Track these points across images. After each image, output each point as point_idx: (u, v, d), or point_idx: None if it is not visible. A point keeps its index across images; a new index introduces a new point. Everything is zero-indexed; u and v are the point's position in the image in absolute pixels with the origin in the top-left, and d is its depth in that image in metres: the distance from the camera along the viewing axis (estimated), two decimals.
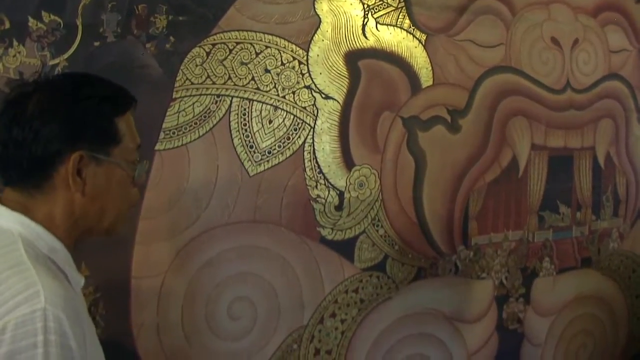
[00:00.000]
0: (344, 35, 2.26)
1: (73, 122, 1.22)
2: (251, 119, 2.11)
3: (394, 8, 2.34)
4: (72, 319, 1.12)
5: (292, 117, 2.18)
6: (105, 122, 1.26)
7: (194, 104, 2.03)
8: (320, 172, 2.23)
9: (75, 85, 1.27)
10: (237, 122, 2.09)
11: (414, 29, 2.39)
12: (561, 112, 2.80)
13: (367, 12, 2.29)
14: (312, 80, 2.20)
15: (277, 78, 2.15)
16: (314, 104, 2.21)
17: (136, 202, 1.39)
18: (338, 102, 2.25)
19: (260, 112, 2.13)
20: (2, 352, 1.05)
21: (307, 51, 2.20)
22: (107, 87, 1.32)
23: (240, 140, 2.10)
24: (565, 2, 2.79)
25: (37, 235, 1.22)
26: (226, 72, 2.07)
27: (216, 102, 2.06)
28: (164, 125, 2.00)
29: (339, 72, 2.24)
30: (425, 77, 2.42)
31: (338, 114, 2.25)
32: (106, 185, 1.28)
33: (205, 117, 2.05)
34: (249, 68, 2.10)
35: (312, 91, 2.21)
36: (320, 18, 2.21)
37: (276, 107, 2.15)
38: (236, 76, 2.09)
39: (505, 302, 2.74)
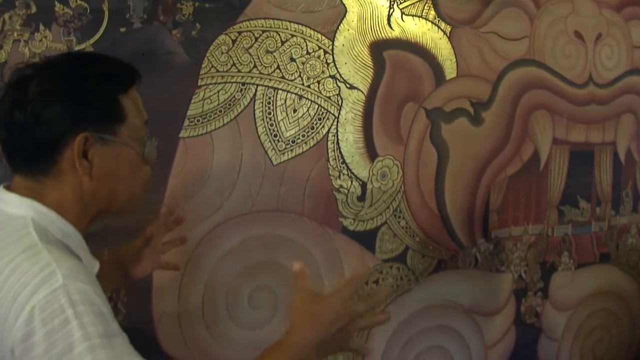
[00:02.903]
0: (369, 25, 2.24)
1: (75, 102, 1.20)
2: (276, 107, 2.10)
3: None
4: (95, 287, 1.12)
5: (316, 106, 2.16)
6: (108, 101, 1.24)
7: (219, 91, 2.02)
8: (344, 162, 2.22)
9: (75, 65, 1.25)
10: (262, 111, 2.09)
11: (439, 20, 2.37)
12: (583, 106, 2.77)
13: (392, 3, 2.28)
14: (337, 70, 2.19)
15: (302, 67, 2.13)
16: (339, 94, 2.20)
17: (150, 180, 1.36)
18: (362, 92, 2.23)
19: (285, 101, 2.12)
20: (39, 337, 1.04)
21: (333, 40, 2.18)
22: (108, 64, 1.29)
23: (264, 129, 2.09)
24: None
25: (50, 220, 1.20)
26: (252, 60, 2.06)
27: (241, 90, 2.05)
28: (188, 113, 1.99)
29: (363, 62, 2.23)
30: (449, 68, 2.40)
31: (362, 104, 2.24)
32: (115, 166, 1.26)
33: (230, 105, 2.04)
34: (274, 56, 2.09)
35: (337, 81, 2.19)
36: (346, 7, 2.20)
37: (301, 97, 2.14)
38: (261, 64, 2.08)
39: (524, 296, 2.73)
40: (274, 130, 2.11)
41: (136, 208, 1.35)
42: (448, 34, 2.39)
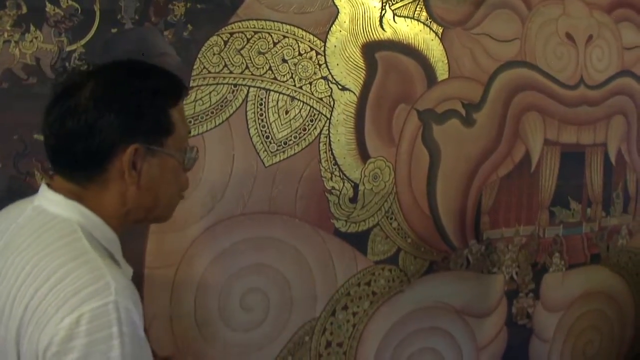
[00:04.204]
0: (361, 27, 2.24)
1: (128, 114, 1.21)
2: (268, 109, 2.10)
3: (411, 0, 2.33)
4: (138, 309, 1.14)
5: (308, 108, 2.16)
6: (160, 114, 1.25)
7: (210, 93, 2.02)
8: (336, 163, 2.22)
9: (129, 76, 1.25)
10: (254, 112, 2.08)
11: (430, 22, 2.37)
12: (574, 107, 2.78)
13: (384, 4, 2.28)
14: (329, 71, 2.19)
15: (294, 68, 2.13)
16: (331, 95, 2.19)
17: (187, 188, 1.38)
18: (354, 93, 2.23)
19: (277, 103, 2.11)
20: (80, 344, 1.06)
21: (325, 42, 2.18)
22: (161, 77, 1.30)
23: (256, 131, 2.09)
24: None
25: (95, 225, 1.21)
26: (243, 61, 2.06)
27: (233, 91, 2.05)
28: None
29: (356, 63, 2.23)
30: (441, 70, 2.40)
31: (354, 105, 2.24)
32: (160, 176, 1.27)
33: (222, 106, 2.03)
34: (266, 58, 2.09)
35: (329, 82, 2.19)
36: (338, 9, 2.20)
37: (293, 98, 2.13)
38: (253, 66, 2.07)
39: (515, 297, 2.74)
40: (266, 132, 2.10)
41: (172, 214, 1.36)
42: (440, 36, 2.39)
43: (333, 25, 2.19)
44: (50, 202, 1.23)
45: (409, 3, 2.32)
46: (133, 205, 1.26)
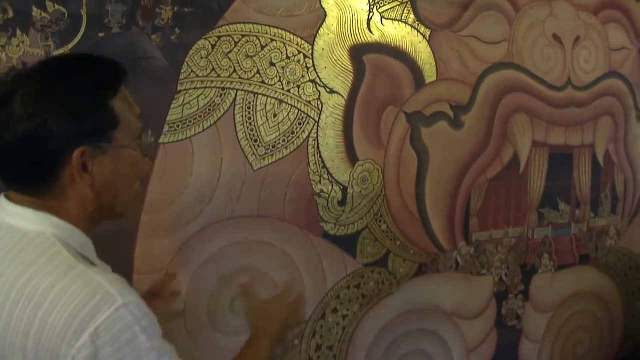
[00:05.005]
0: (349, 30, 2.24)
1: (67, 117, 1.15)
2: (256, 112, 2.09)
3: (399, 3, 2.33)
4: (138, 296, 1.15)
5: (296, 111, 2.16)
6: (100, 110, 1.20)
7: (198, 96, 2.01)
8: (324, 166, 2.22)
9: (59, 76, 1.19)
10: (242, 116, 2.07)
11: (418, 24, 2.37)
12: (562, 109, 2.79)
13: (372, 7, 2.28)
14: (317, 75, 2.18)
15: (282, 72, 2.13)
16: (319, 98, 2.19)
17: (150, 172, 1.36)
18: (342, 96, 2.23)
19: (265, 106, 2.11)
20: (108, 353, 1.08)
21: (313, 45, 2.18)
22: (93, 69, 1.24)
23: (244, 134, 2.08)
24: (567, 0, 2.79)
25: (68, 233, 1.19)
26: (231, 65, 2.05)
27: (221, 95, 2.04)
28: (168, 118, 1.97)
29: (343, 66, 2.23)
30: (429, 72, 2.40)
31: (342, 108, 2.23)
32: (114, 171, 1.23)
33: (210, 110, 2.03)
34: (254, 61, 2.08)
35: (317, 85, 2.19)
36: (326, 12, 2.19)
37: (281, 101, 2.13)
38: (241, 69, 2.07)
39: (505, 299, 2.74)
40: (254, 135, 2.10)
41: (138, 206, 1.36)
42: (428, 38, 2.40)
43: (321, 29, 2.19)
44: (17, 217, 1.19)
45: (396, 6, 2.33)
46: (95, 207, 1.23)
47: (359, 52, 2.26)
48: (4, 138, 1.14)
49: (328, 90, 2.21)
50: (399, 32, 2.33)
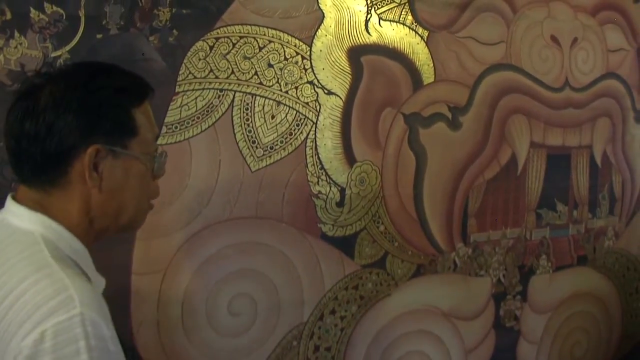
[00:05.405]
0: (347, 31, 2.24)
1: (88, 114, 1.18)
2: (254, 114, 2.09)
3: (397, 4, 2.33)
4: (107, 321, 1.10)
5: (294, 112, 2.16)
6: (121, 114, 1.22)
7: (196, 98, 2.01)
8: (322, 168, 2.22)
9: (89, 75, 1.22)
10: (240, 117, 2.08)
11: (416, 25, 2.37)
12: (560, 110, 2.80)
13: (370, 8, 2.28)
14: (315, 76, 2.19)
15: (280, 73, 2.13)
16: (317, 100, 2.19)
17: (156, 196, 1.35)
18: (340, 97, 2.23)
19: (263, 107, 2.11)
20: None
21: (310, 46, 2.18)
22: (122, 76, 1.27)
23: (242, 136, 2.08)
24: (565, 1, 2.78)
25: (60, 236, 1.18)
26: (229, 66, 2.05)
27: (219, 96, 2.04)
28: (166, 120, 1.97)
29: (341, 67, 2.23)
30: (427, 73, 2.41)
31: (340, 109, 2.24)
32: (124, 180, 1.23)
33: (207, 111, 2.03)
34: (252, 62, 2.09)
35: (315, 87, 2.19)
36: (323, 13, 2.20)
37: (279, 103, 2.13)
38: (239, 70, 2.07)
39: (503, 300, 2.74)
40: (252, 137, 2.10)
41: (141, 223, 1.34)
42: (425, 39, 2.40)
43: (319, 30, 2.19)
44: (14, 215, 1.20)
45: (394, 7, 2.33)
46: (97, 212, 1.22)
47: (357, 54, 2.26)
48: (25, 126, 1.17)
49: (326, 91, 2.21)
50: (396, 33, 2.34)
